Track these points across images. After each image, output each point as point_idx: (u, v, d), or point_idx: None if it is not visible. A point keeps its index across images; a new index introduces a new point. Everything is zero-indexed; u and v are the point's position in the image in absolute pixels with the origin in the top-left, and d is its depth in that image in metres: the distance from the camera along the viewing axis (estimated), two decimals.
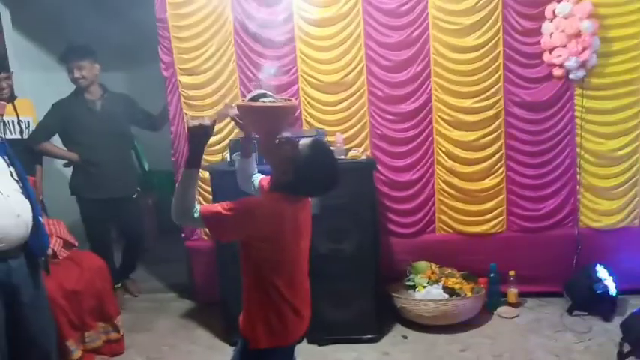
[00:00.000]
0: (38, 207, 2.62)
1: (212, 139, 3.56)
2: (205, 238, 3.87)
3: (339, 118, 3.58)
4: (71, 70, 3.73)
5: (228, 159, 3.29)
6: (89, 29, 4.18)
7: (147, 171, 6.00)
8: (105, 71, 3.94)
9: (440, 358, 3.12)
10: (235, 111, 2.01)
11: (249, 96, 2.01)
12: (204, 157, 1.89)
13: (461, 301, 3.36)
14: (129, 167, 4.15)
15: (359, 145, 3.59)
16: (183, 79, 3.67)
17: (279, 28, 3.53)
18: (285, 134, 1.96)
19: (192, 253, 3.97)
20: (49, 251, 2.89)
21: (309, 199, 2.03)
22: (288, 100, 2.10)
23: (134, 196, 4.11)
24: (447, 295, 3.37)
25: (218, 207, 1.79)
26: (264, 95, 2.00)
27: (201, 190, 3.75)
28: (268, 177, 2.05)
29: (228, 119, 3.34)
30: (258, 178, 2.15)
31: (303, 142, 1.88)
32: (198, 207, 1.79)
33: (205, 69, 3.64)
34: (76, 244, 3.41)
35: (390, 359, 3.14)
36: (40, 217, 2.52)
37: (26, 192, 2.46)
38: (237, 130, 3.70)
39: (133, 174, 4.26)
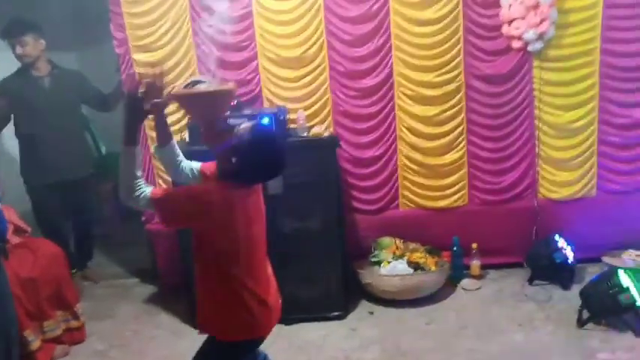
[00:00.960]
0: None
1: (170, 119, 3.55)
2: None
3: (300, 95, 3.52)
4: (13, 46, 3.53)
5: (187, 139, 3.19)
6: (35, 3, 3.97)
7: (103, 154, 5.83)
8: (56, 50, 3.75)
9: (406, 332, 3.14)
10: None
11: (183, 83, 1.97)
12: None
13: (425, 276, 3.39)
14: (81, 148, 3.95)
15: (321, 122, 3.53)
16: (138, 56, 3.53)
17: (236, 2, 3.41)
18: (230, 120, 1.89)
19: (154, 236, 3.87)
20: None
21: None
22: (225, 83, 2.04)
23: (86, 177, 3.93)
24: (411, 270, 3.39)
25: (169, 191, 1.75)
26: (198, 82, 1.96)
27: (161, 173, 3.65)
28: (209, 163, 1.97)
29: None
30: (188, 166, 2.01)
31: (243, 127, 1.80)
32: (148, 188, 1.73)
33: (161, 45, 3.50)
34: (29, 230, 3.27)
35: (358, 335, 3.14)
36: None
37: None
38: None
39: (86, 155, 4.07)
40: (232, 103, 2.04)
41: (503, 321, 3.18)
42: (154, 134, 2.58)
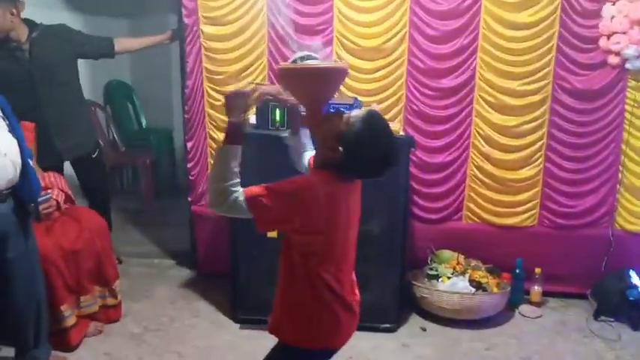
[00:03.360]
0: (28, 150, 2.34)
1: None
2: None
3: (373, 88, 3.29)
4: None
5: (255, 122, 2.97)
6: None
7: (144, 128, 5.69)
8: (110, 16, 3.52)
9: (464, 355, 2.90)
10: (267, 88, 1.82)
11: (292, 57, 1.79)
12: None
13: (487, 297, 3.14)
14: (81, 122, 3.39)
15: (392, 120, 3.30)
16: (207, 28, 3.33)
17: None
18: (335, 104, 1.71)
19: (197, 219, 3.68)
20: (52, 202, 2.60)
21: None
22: (337, 62, 1.85)
23: (94, 156, 3.46)
24: (473, 289, 3.14)
25: (267, 188, 1.52)
26: (308, 57, 1.80)
27: None
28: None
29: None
30: (307, 157, 1.87)
31: (355, 114, 1.60)
32: (240, 190, 1.52)
33: (232, 19, 3.30)
34: (75, 199, 3.09)
35: (410, 352, 2.91)
36: (29, 160, 2.25)
37: (14, 132, 2.19)
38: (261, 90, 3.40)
39: (90, 126, 3.56)
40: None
41: (569, 356, 2.92)
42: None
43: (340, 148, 1.55)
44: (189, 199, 3.65)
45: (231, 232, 3.09)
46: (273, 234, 2.98)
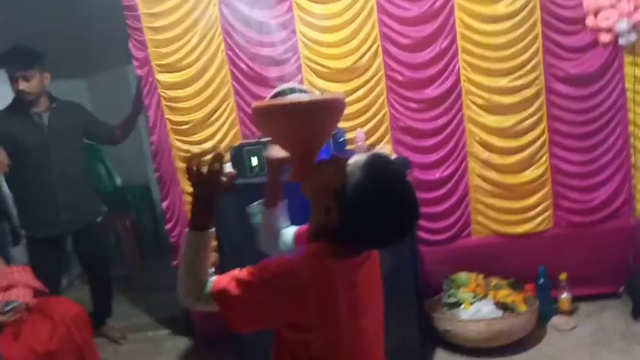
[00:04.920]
0: None
1: (204, 145, 3.06)
2: None
3: (352, 111, 3.00)
4: (14, 80, 3.03)
5: (229, 169, 2.67)
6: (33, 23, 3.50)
7: (119, 187, 5.37)
8: (60, 78, 3.30)
9: None
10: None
11: (272, 92, 1.42)
12: None
13: (517, 318, 2.85)
14: (87, 188, 3.44)
15: (379, 141, 3.03)
16: (162, 77, 3.05)
17: (273, 9, 2.93)
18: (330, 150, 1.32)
19: None
20: (21, 306, 2.29)
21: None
22: (330, 93, 1.47)
23: (98, 220, 3.44)
24: (500, 312, 2.85)
25: (229, 280, 1.17)
26: (291, 90, 1.41)
27: None
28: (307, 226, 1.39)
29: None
30: (290, 232, 1.52)
31: (354, 160, 1.22)
32: (211, 279, 1.20)
33: (188, 64, 3.02)
34: (46, 290, 2.77)
35: None
36: None
37: None
38: (232, 132, 3.12)
39: (93, 194, 3.53)
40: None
41: None
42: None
43: (336, 207, 1.19)
44: (175, 262, 3.33)
45: None
46: None
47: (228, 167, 2.68)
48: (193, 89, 3.04)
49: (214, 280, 1.19)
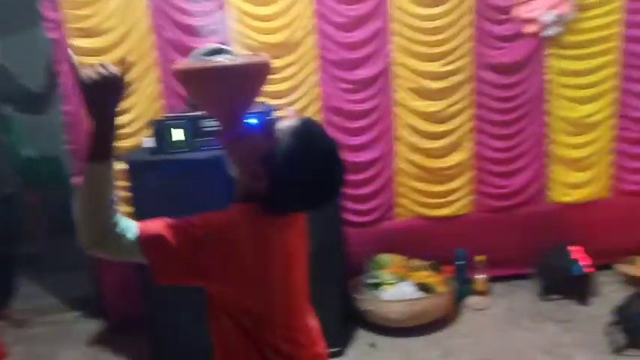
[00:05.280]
0: None
1: (122, 118, 2.88)
2: None
3: (283, 89, 2.94)
4: None
5: (149, 144, 2.54)
6: None
7: (30, 159, 4.98)
8: None
9: None
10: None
11: (196, 52, 1.32)
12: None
13: (436, 298, 2.94)
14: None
15: None
16: (79, 42, 2.82)
17: None
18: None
19: (99, 260, 3.19)
20: None
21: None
22: (256, 55, 1.39)
23: (5, 191, 3.15)
24: (420, 293, 2.92)
25: (162, 226, 1.12)
26: (218, 51, 1.31)
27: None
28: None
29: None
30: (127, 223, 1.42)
31: (284, 125, 1.21)
32: (132, 224, 1.11)
33: (107, 28, 2.81)
34: None
35: None
36: None
37: None
38: (156, 105, 2.95)
39: (6, 165, 3.27)
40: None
41: (528, 349, 2.77)
42: None
43: (264, 173, 1.17)
44: None
45: (143, 272, 2.66)
46: None
47: (149, 142, 2.55)
48: (113, 57, 2.83)
49: (140, 226, 1.11)
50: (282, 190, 1.17)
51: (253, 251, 1.17)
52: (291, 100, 2.94)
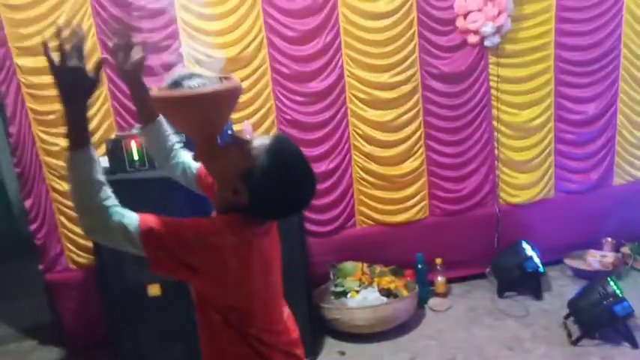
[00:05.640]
0: None
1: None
2: (74, 267, 3.01)
3: (239, 102, 2.92)
4: None
5: (105, 163, 2.47)
6: None
7: None
8: None
9: None
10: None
11: (168, 79, 1.35)
12: None
13: (400, 303, 2.98)
14: None
15: (266, 134, 2.97)
16: (22, 61, 2.73)
17: None
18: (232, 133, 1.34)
19: (56, 287, 3.06)
20: None
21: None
22: (227, 78, 1.43)
23: None
24: (384, 299, 2.96)
25: (158, 221, 1.18)
26: (189, 77, 1.35)
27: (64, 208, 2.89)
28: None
29: None
30: (187, 157, 1.53)
31: (259, 143, 1.28)
32: (130, 213, 1.18)
33: (54, 47, 2.72)
34: None
35: None
36: None
37: None
38: (106, 124, 2.89)
39: None
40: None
41: (491, 346, 2.85)
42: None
43: (244, 190, 1.25)
44: (41, 266, 3.02)
45: (104, 295, 2.58)
46: (155, 291, 2.56)
47: (104, 161, 2.48)
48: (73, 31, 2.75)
49: (141, 218, 1.18)
50: (262, 201, 1.26)
51: (236, 257, 1.24)
52: (247, 115, 2.95)
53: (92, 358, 2.99)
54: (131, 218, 1.17)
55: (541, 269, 3.25)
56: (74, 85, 1.12)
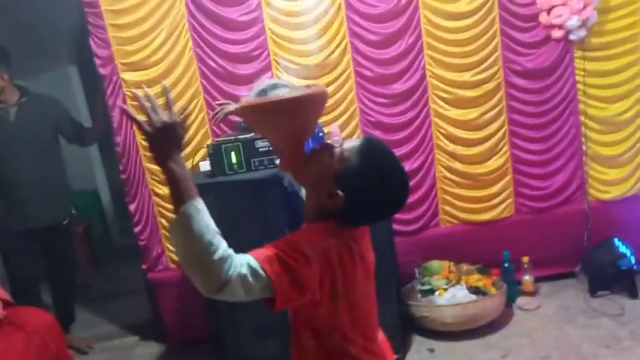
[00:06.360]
0: None
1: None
2: (173, 266, 3.21)
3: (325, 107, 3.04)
4: None
5: (206, 167, 2.64)
6: None
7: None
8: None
9: None
10: (231, 107, 1.45)
11: (255, 89, 1.43)
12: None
13: (489, 301, 2.97)
14: (59, 186, 3.30)
15: (349, 136, 3.08)
16: (127, 76, 2.96)
17: (242, 5, 2.92)
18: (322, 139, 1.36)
19: (157, 286, 3.28)
20: None
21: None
22: (311, 86, 1.49)
23: (65, 223, 3.32)
24: (473, 296, 2.97)
25: (272, 250, 1.13)
26: (274, 86, 1.43)
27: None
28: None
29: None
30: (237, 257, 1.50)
31: (349, 145, 1.29)
32: (243, 257, 1.11)
33: (154, 62, 2.96)
34: (13, 301, 2.62)
35: None
36: None
37: None
38: (202, 131, 3.08)
39: (65, 194, 3.41)
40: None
41: (586, 344, 2.79)
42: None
43: (340, 192, 1.24)
44: (144, 266, 3.25)
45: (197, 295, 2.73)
46: None
47: (205, 165, 2.64)
48: (161, 88, 2.96)
49: (251, 254, 1.12)
50: (358, 202, 1.24)
51: (340, 261, 1.22)
52: (332, 118, 3.05)
53: (190, 353, 3.16)
54: (243, 260, 1.10)
55: (635, 267, 3.14)
56: (170, 141, 1.11)
